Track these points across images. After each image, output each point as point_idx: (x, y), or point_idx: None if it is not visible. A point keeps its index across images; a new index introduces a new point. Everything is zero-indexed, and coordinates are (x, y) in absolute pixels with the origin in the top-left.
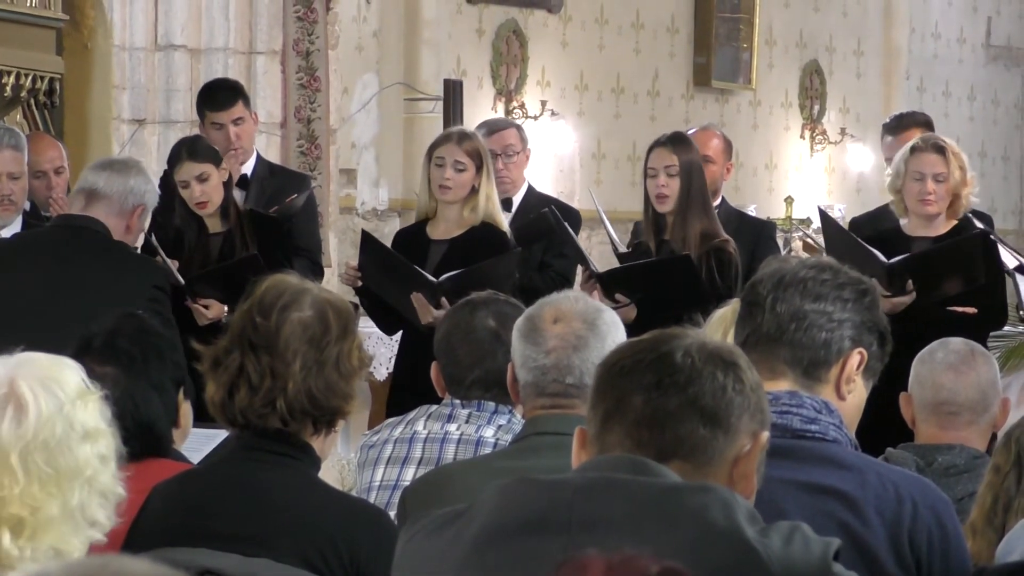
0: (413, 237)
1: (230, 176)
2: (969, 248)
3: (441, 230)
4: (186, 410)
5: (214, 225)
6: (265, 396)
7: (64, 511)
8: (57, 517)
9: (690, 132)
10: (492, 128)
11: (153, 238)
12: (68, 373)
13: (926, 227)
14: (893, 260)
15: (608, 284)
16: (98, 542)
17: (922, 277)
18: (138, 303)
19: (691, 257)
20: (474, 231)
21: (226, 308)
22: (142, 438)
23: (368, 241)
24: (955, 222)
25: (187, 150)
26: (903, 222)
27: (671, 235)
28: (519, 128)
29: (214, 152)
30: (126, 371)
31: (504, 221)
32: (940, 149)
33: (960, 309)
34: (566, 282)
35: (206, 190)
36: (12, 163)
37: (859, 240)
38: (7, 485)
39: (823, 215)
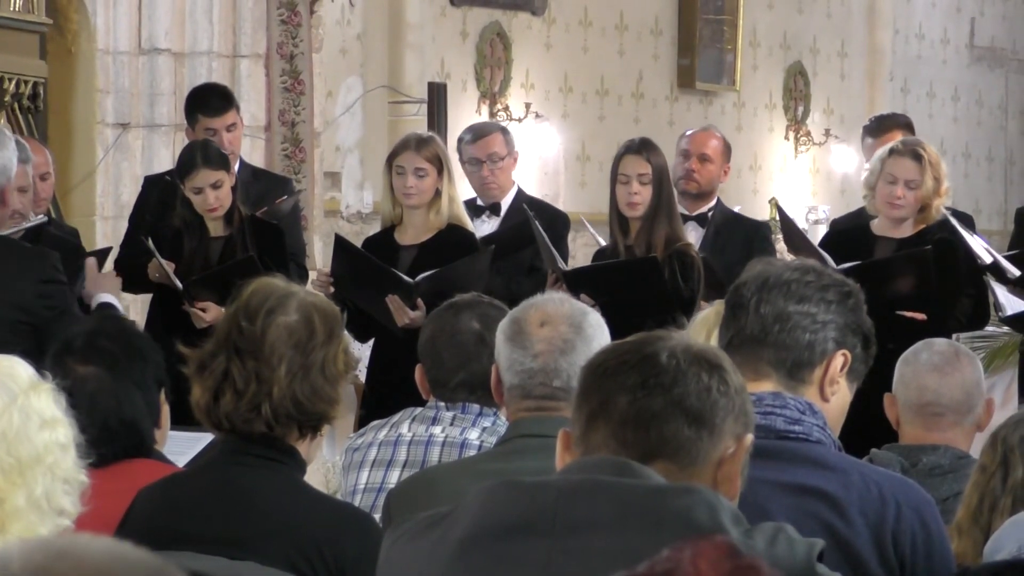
0: (381, 243)
1: (237, 181)
2: (920, 261)
3: (409, 235)
4: (165, 411)
5: (216, 229)
6: (250, 401)
7: (30, 500)
8: (23, 507)
9: (690, 132)
10: (477, 134)
11: (149, 241)
12: (17, 367)
13: (892, 228)
14: (843, 267)
15: (574, 283)
16: (66, 530)
17: (872, 282)
18: (27, 301)
19: (657, 259)
20: (442, 234)
21: (224, 311)
22: (126, 437)
23: (342, 245)
24: (923, 226)
25: (202, 157)
26: (872, 221)
27: (635, 240)
28: (504, 132)
29: (225, 158)
30: (109, 370)
31: (469, 221)
32: (918, 156)
33: (909, 314)
34: None
35: (219, 196)
36: (21, 177)
37: (813, 243)
38: None
39: (781, 213)
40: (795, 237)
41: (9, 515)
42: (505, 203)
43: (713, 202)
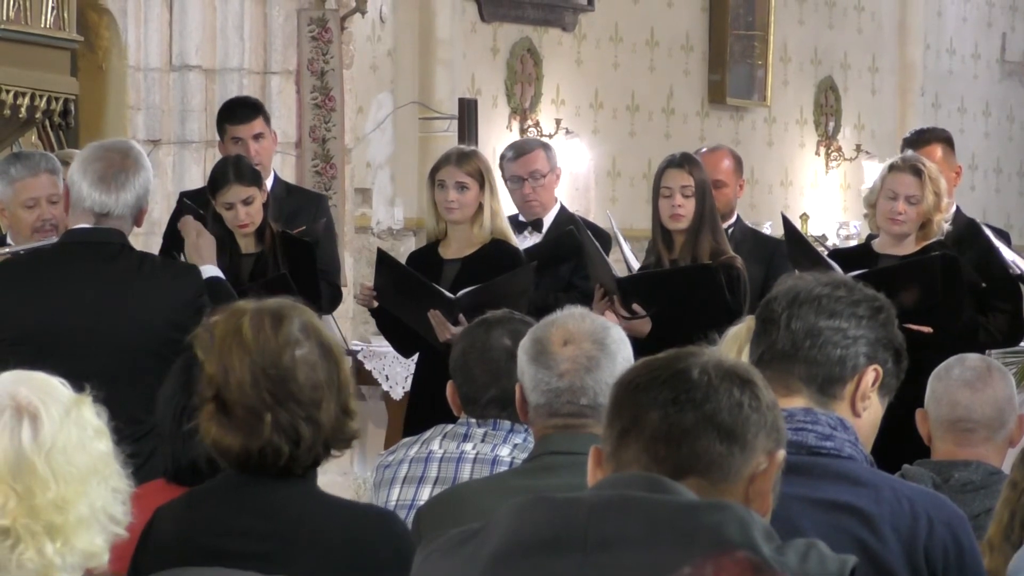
0: (426, 258)
1: (268, 197)
2: (928, 268)
3: (453, 250)
4: None
5: (247, 246)
6: (310, 448)
7: (91, 510)
8: (87, 517)
9: (700, 152)
10: (519, 151)
11: (183, 257)
12: (56, 382)
13: (894, 246)
14: (851, 275)
15: (628, 292)
16: (120, 537)
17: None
18: (184, 317)
19: (712, 266)
20: (486, 248)
21: None
22: None
23: (384, 260)
24: (925, 243)
25: (234, 173)
26: (874, 240)
27: (680, 253)
28: (547, 148)
29: (258, 174)
30: None
31: (513, 236)
32: (917, 172)
33: (915, 327)
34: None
35: (250, 212)
36: (50, 187)
37: (818, 252)
38: (39, 493)
39: (785, 222)
40: (801, 250)
41: (73, 525)
42: (548, 219)
43: (732, 220)
